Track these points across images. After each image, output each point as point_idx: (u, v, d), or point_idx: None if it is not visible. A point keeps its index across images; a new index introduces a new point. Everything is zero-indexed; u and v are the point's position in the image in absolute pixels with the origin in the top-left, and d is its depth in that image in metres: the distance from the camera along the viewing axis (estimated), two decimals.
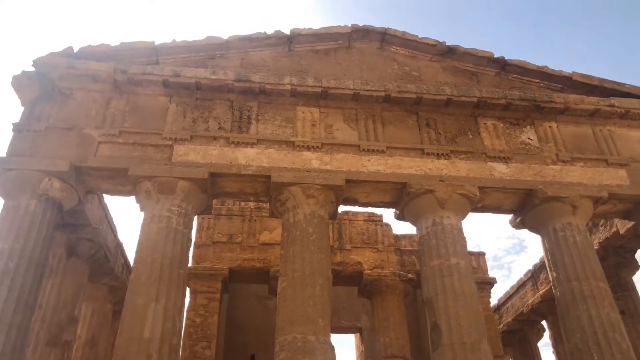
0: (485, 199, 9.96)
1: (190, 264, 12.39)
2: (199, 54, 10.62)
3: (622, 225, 11.34)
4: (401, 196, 9.78)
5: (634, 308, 11.86)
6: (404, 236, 14.88)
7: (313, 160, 9.66)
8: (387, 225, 14.11)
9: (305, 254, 8.73)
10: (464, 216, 9.81)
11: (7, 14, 39.70)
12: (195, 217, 11.83)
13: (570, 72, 11.01)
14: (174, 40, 10.48)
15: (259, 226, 13.58)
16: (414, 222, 9.91)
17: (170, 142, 9.52)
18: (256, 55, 10.97)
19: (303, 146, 9.76)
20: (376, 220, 14.10)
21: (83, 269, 11.55)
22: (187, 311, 12.63)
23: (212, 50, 10.71)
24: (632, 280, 12.35)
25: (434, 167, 9.83)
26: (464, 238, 9.46)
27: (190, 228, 9.29)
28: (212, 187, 9.53)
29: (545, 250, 9.93)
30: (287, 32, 10.99)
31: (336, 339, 19.80)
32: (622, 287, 11.94)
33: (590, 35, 52.80)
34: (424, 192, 9.43)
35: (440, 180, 9.59)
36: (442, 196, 9.40)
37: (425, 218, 9.53)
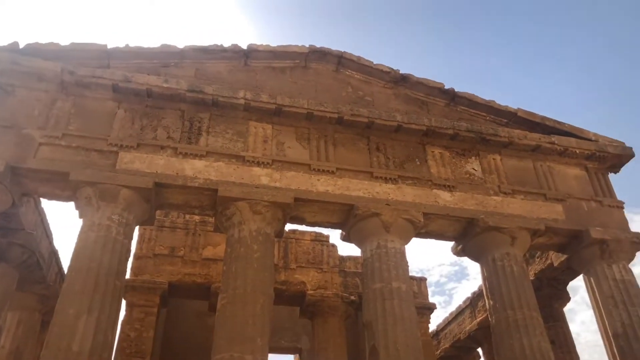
0: (429, 225, 10.16)
1: (128, 276, 12.01)
2: (152, 61, 10.43)
3: (557, 258, 11.80)
4: (348, 218, 9.84)
5: (564, 338, 12.31)
6: (349, 258, 14.97)
7: (262, 176, 9.60)
8: (334, 246, 14.15)
9: (248, 271, 8.61)
10: (407, 241, 9.96)
11: None
12: (137, 228, 11.50)
13: (516, 108, 11.49)
14: (127, 45, 10.26)
15: (203, 241, 13.32)
16: (359, 244, 9.97)
17: (115, 149, 9.24)
18: (211, 67, 10.88)
19: (253, 162, 9.70)
20: (323, 240, 14.11)
21: (12, 276, 10.94)
22: (122, 325, 12.16)
23: (166, 59, 10.55)
24: (563, 312, 12.83)
25: (382, 191, 9.96)
26: (407, 263, 9.60)
27: (131, 238, 8.99)
28: (156, 198, 9.29)
29: (484, 278, 10.19)
30: (244, 47, 10.98)
31: (275, 359, 19.51)
32: (553, 317, 12.37)
33: (538, 75, 55.50)
34: (371, 215, 9.52)
35: (386, 204, 9.72)
36: (388, 220, 9.52)
37: (371, 241, 9.61)
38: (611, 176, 11.67)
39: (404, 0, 53.55)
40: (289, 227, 12.58)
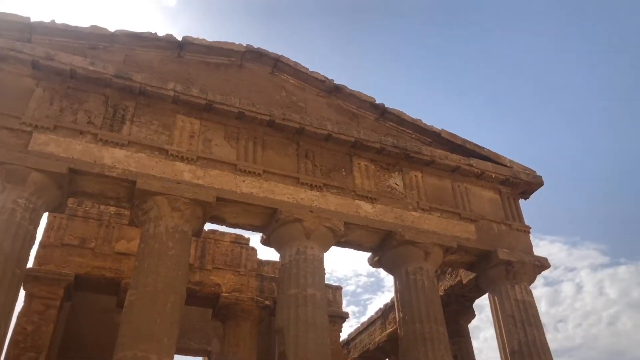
0: (349, 235, 10.31)
1: (30, 265, 11.28)
2: (79, 41, 9.93)
3: (466, 276, 12.34)
4: (270, 222, 9.80)
5: (466, 353, 12.86)
6: (268, 262, 14.89)
7: (185, 172, 9.36)
8: (253, 249, 14.01)
9: (161, 268, 8.33)
10: (327, 248, 10.05)
11: None
12: (46, 215, 10.86)
13: (440, 129, 11.95)
14: (53, 21, 9.70)
15: (116, 234, 12.75)
16: (278, 249, 9.94)
17: (29, 129, 8.69)
18: (142, 55, 10.51)
19: (177, 156, 9.44)
20: (243, 243, 13.94)
21: None
22: (18, 317, 11.37)
23: (95, 40, 10.08)
24: (467, 328, 13.42)
25: (306, 197, 10.00)
26: (324, 270, 9.67)
27: (37, 225, 8.46)
28: (69, 185, 8.82)
29: (397, 290, 10.46)
30: (179, 39, 10.70)
31: None
32: (458, 333, 12.90)
33: (463, 100, 58.19)
34: (293, 220, 9.53)
35: (310, 211, 9.77)
36: (310, 227, 9.56)
37: (290, 246, 9.60)
38: (521, 202, 12.38)
39: (349, 13, 54.49)
40: (209, 227, 12.38)
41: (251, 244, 14.42)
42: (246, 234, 14.39)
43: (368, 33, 58.09)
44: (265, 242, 10.30)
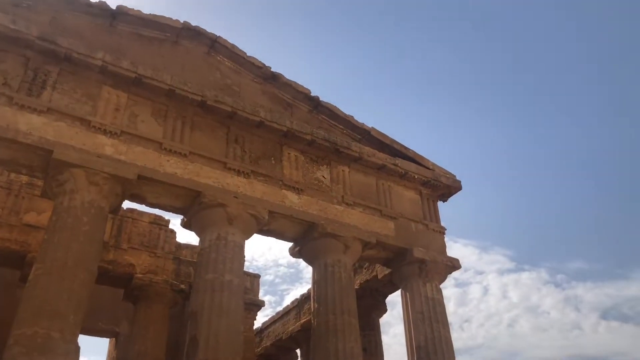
0: (272, 223, 10.34)
1: None
2: None
3: (381, 271, 12.73)
4: (193, 204, 9.63)
5: (375, 346, 13.28)
6: (187, 246, 14.62)
7: (107, 146, 8.99)
8: (172, 231, 13.69)
9: (73, 243, 7.98)
10: (249, 236, 10.02)
11: None
12: None
13: (370, 127, 12.22)
14: None
15: (26, 204, 12.01)
16: (199, 233, 9.79)
17: None
18: (72, 20, 9.94)
19: (100, 128, 9.04)
20: (162, 224, 13.57)
21: None
22: None
23: None
24: (379, 322, 13.86)
25: (232, 183, 9.91)
26: (244, 257, 9.65)
27: None
28: None
29: (314, 281, 10.63)
30: (113, 7, 10.22)
31: (88, 341, 18.33)
32: (369, 326, 13.29)
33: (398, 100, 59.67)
34: (216, 205, 9.41)
35: (234, 197, 9.69)
36: (233, 212, 9.49)
37: (211, 231, 9.49)
38: (440, 205, 12.91)
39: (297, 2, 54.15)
40: (127, 205, 11.93)
41: (171, 226, 14.12)
42: (166, 215, 14.06)
43: (310, 23, 58.11)
44: (185, 224, 10.12)
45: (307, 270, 56.16)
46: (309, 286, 12.31)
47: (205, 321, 8.46)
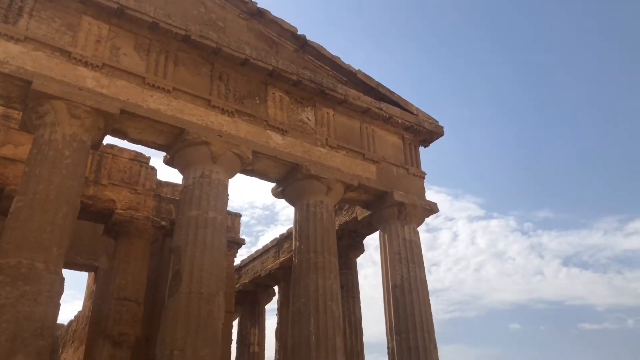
0: (255, 164, 10.34)
1: None
2: None
3: (361, 213, 12.97)
4: (176, 141, 9.54)
5: (352, 284, 13.72)
6: (167, 183, 14.57)
7: (89, 79, 8.75)
8: (153, 168, 13.59)
9: (55, 177, 7.90)
10: (232, 175, 10.03)
11: None
12: None
13: (357, 69, 12.08)
14: None
15: (2, 137, 11.69)
16: (182, 170, 9.76)
17: None
18: None
19: (81, 60, 8.76)
20: (142, 161, 13.44)
21: None
22: None
23: None
24: (356, 261, 14.25)
25: (216, 121, 9.81)
26: (227, 196, 9.70)
27: None
28: None
29: (296, 221, 10.80)
30: None
31: (67, 274, 18.48)
32: (347, 265, 13.66)
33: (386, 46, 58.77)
34: (200, 142, 9.35)
35: (218, 135, 9.62)
36: (217, 151, 9.45)
37: (195, 168, 9.47)
38: (421, 150, 13.05)
39: None
40: (107, 140, 11.74)
41: (151, 163, 13.99)
42: (147, 152, 13.92)
43: None
44: (168, 161, 10.07)
45: (282, 212, 56.88)
46: (283, 228, 12.54)
47: (189, 256, 8.59)
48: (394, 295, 11.04)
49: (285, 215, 55.69)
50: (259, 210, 59.02)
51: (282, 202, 55.03)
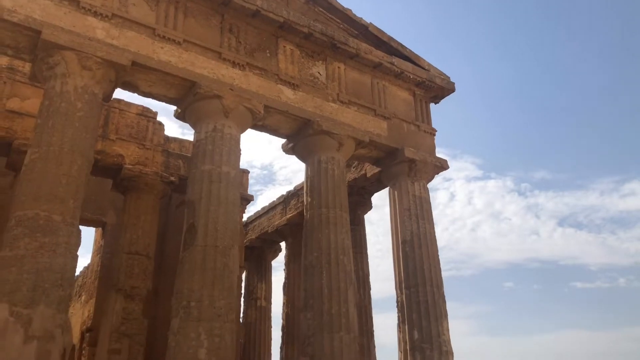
0: (267, 119, 10.24)
1: None
2: None
3: (370, 170, 12.94)
4: (187, 95, 9.41)
5: (359, 240, 13.84)
6: (175, 139, 14.48)
7: (99, 29, 8.54)
8: (160, 124, 13.45)
9: (68, 129, 7.82)
10: (243, 130, 9.94)
11: None
12: None
13: (369, 22, 11.81)
14: None
15: (8, 90, 11.52)
16: (193, 124, 9.67)
17: None
18: None
19: (90, 10, 8.53)
20: (149, 116, 13.30)
21: None
22: None
23: None
24: (363, 217, 14.33)
25: (227, 75, 9.65)
26: (240, 150, 9.64)
27: None
28: None
29: (307, 177, 10.78)
30: None
31: None
32: (355, 221, 13.71)
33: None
34: (213, 96, 9.22)
35: (230, 89, 9.48)
36: (229, 105, 9.34)
37: (207, 123, 9.37)
38: (431, 106, 12.91)
39: None
40: (114, 95, 11.60)
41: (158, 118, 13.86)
42: (154, 107, 13.77)
43: None
44: (179, 115, 9.95)
45: (280, 172, 56.91)
46: (282, 187, 12.55)
47: (204, 210, 8.61)
48: (404, 251, 11.14)
49: (283, 175, 55.80)
50: (258, 170, 59.04)
51: (281, 163, 54.92)
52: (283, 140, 11.48)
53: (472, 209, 59.51)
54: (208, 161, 9.03)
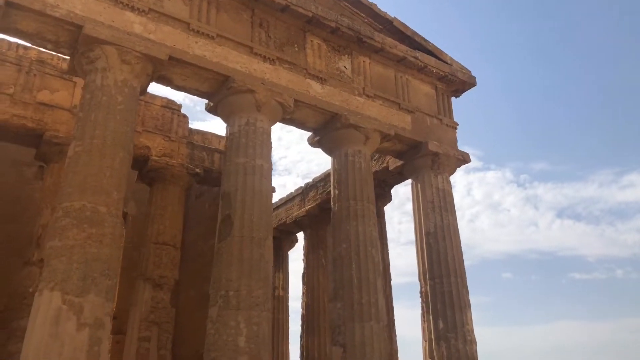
0: (295, 112, 10.41)
1: None
2: None
3: (393, 163, 13.12)
4: (220, 89, 9.58)
5: (380, 231, 13.98)
6: (197, 131, 14.66)
7: (136, 24, 8.71)
8: (185, 116, 13.65)
9: (110, 122, 8.01)
10: (273, 123, 10.12)
11: None
12: None
13: (393, 16, 11.95)
14: None
15: (38, 82, 11.68)
16: (226, 118, 9.85)
17: None
18: None
19: (127, 5, 8.69)
20: (174, 108, 13.48)
21: None
22: None
23: None
24: (384, 210, 14.54)
25: (259, 69, 9.81)
26: (271, 143, 9.83)
27: None
28: (2, 19, 7.89)
29: (334, 170, 10.97)
30: None
31: None
32: (376, 214, 13.87)
33: None
34: (246, 90, 9.39)
35: (262, 83, 9.65)
36: (262, 99, 9.51)
37: (240, 116, 9.56)
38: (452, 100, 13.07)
39: None
40: None
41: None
42: (177, 99, 13.94)
43: None
44: (211, 109, 10.13)
45: (279, 162, 57.04)
46: (281, 178, 12.66)
47: (239, 201, 8.82)
48: (428, 242, 11.35)
49: (282, 166, 55.88)
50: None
51: (279, 153, 55.04)
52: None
53: (471, 200, 59.69)
54: (242, 154, 9.23)
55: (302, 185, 16.93)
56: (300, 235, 17.63)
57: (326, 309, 14.86)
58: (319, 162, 60.63)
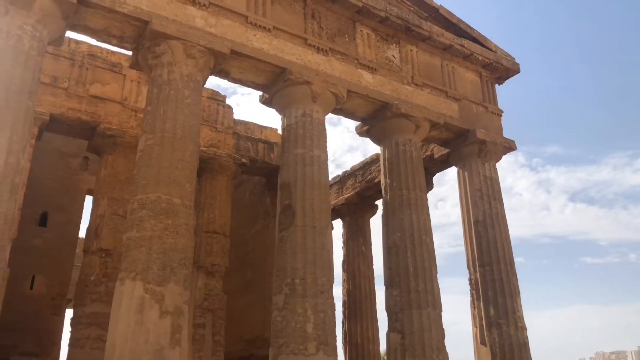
0: (346, 103, 10.52)
1: None
2: None
3: (438, 151, 13.19)
4: (276, 81, 9.73)
5: None
6: (240, 122, 14.86)
7: (197, 18, 8.86)
8: (230, 107, 13.83)
9: (179, 116, 8.22)
10: (326, 114, 10.25)
11: None
12: None
13: (439, 5, 11.96)
14: None
15: (90, 76, 11.93)
16: (281, 110, 10.00)
17: None
18: None
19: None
20: (219, 99, 13.67)
21: None
22: None
23: None
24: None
25: (313, 60, 9.93)
26: (326, 134, 9.97)
27: (42, 57, 7.85)
28: (74, 16, 8.09)
29: (384, 159, 11.09)
30: None
31: None
32: None
33: None
34: (302, 82, 9.53)
35: (316, 75, 9.77)
36: (317, 90, 9.64)
37: (296, 108, 9.70)
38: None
39: None
40: None
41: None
42: (222, 91, 14.15)
43: None
44: (266, 101, 10.29)
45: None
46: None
47: (299, 192, 9.00)
48: (476, 230, 11.48)
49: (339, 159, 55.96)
50: None
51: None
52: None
53: None
54: (300, 145, 9.39)
55: (340, 173, 17.07)
56: (337, 223, 17.80)
57: (368, 296, 15.10)
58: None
